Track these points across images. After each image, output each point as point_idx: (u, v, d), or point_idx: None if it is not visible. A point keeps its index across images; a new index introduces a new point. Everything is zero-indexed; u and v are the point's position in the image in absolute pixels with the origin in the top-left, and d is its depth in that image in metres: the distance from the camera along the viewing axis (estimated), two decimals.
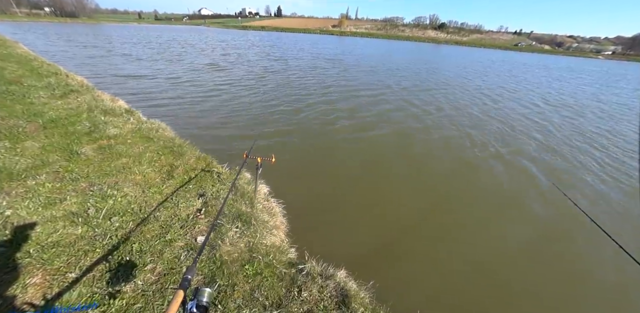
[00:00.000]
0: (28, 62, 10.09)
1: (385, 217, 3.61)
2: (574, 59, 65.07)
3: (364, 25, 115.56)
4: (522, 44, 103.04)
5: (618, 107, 12.07)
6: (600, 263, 3.13)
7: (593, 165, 5.70)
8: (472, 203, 4.13)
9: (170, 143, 4.11)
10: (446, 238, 3.34)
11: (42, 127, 4.06)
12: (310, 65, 16.34)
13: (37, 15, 70.16)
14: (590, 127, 8.48)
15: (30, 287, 1.61)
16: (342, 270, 2.36)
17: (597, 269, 3.07)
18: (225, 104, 7.72)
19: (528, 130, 7.66)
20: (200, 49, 21.72)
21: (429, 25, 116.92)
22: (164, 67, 12.60)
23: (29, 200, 2.34)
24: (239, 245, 2.32)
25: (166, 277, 1.87)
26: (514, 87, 14.76)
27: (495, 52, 66.54)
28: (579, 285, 2.90)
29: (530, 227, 3.68)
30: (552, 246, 3.39)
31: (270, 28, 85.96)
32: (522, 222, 3.78)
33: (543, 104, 11.15)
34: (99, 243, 2.02)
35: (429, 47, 58.22)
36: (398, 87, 12.10)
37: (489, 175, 4.97)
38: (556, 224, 3.77)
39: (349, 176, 4.55)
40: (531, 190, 4.53)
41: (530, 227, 3.70)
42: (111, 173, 3.05)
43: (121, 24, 68.86)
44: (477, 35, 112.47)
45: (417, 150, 5.82)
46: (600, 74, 30.26)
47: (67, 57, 13.52)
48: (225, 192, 3.06)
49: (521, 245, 3.37)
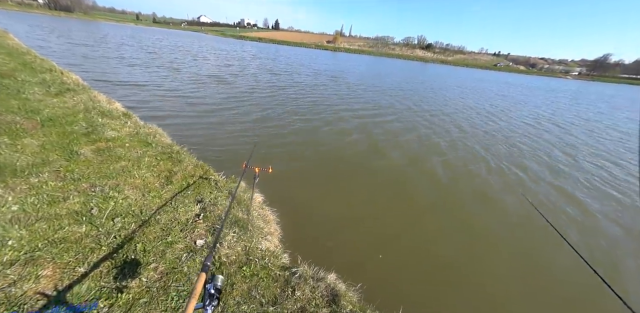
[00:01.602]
0: (20, 55, 9.91)
1: (374, 227, 3.87)
2: (547, 79, 71.86)
3: (357, 42, 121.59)
4: (501, 64, 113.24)
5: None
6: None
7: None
8: (452, 210, 4.51)
9: (169, 149, 4.25)
10: (430, 246, 3.66)
11: (40, 124, 4.10)
12: (315, 83, 16.44)
13: (29, 5, 68.28)
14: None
15: (42, 278, 1.71)
16: (332, 273, 2.56)
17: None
18: (231, 119, 7.65)
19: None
20: (203, 57, 21.90)
21: (417, 45, 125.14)
22: (166, 74, 12.51)
23: (34, 197, 2.42)
24: (236, 248, 2.49)
25: (168, 276, 2.01)
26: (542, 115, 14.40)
27: (479, 71, 71.99)
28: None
29: (504, 227, 4.07)
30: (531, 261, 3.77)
31: (267, 40, 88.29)
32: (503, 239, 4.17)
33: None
34: (104, 241, 2.14)
35: (419, 66, 62.27)
36: (402, 106, 12.72)
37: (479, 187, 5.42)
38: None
39: (342, 188, 4.83)
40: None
41: (504, 227, 4.08)
42: (111, 175, 3.15)
43: (118, 24, 68.19)
44: (460, 56, 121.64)
45: (403, 161, 6.24)
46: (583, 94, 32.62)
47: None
48: (223, 199, 3.23)
49: (507, 255, 3.72)
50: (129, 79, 10.43)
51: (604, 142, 10.33)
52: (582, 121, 14.19)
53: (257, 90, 11.94)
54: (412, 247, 3.59)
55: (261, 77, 15.60)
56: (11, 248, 1.88)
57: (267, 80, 14.91)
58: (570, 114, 16.02)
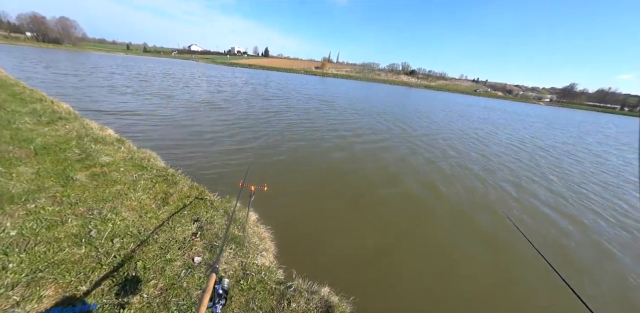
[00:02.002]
0: (9, 86, 10.01)
1: (366, 242, 3.99)
2: (522, 104, 77.37)
3: (344, 68, 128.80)
4: (481, 90, 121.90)
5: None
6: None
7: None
8: (436, 229, 4.71)
9: (164, 172, 4.37)
10: (421, 263, 3.79)
11: (33, 153, 4.17)
12: (307, 107, 16.76)
13: (16, 38, 69.33)
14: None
15: (45, 298, 1.76)
16: (325, 287, 2.66)
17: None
18: (225, 143, 7.72)
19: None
20: (195, 84, 22.28)
21: (401, 71, 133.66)
22: (159, 102, 12.54)
23: (32, 222, 2.47)
24: (233, 263, 2.58)
25: (168, 292, 2.07)
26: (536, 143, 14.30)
27: (461, 96, 76.45)
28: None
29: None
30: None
31: (257, 66, 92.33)
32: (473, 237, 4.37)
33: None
34: (104, 260, 2.20)
35: (404, 90, 65.54)
36: (397, 129, 13.17)
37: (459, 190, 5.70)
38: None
39: (333, 206, 4.98)
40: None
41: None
42: (108, 198, 3.23)
43: (108, 54, 69.78)
44: (442, 81, 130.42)
45: (394, 181, 6.52)
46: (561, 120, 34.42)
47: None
48: (219, 217, 3.34)
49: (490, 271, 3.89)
50: (120, 108, 10.51)
51: (583, 163, 11.08)
52: (559, 144, 14.96)
53: (251, 114, 12.23)
54: (403, 261, 3.70)
55: (254, 102, 16.03)
56: (12, 271, 1.92)
57: (260, 105, 15.29)
58: (548, 138, 16.88)
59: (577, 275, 3.92)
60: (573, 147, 14.55)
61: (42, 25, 75.19)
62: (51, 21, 76.48)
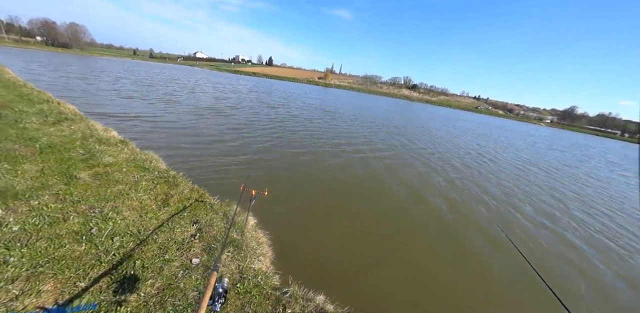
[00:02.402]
0: (17, 87, 10.21)
1: (362, 252, 3.97)
2: (523, 124, 76.40)
3: (347, 79, 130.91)
4: (482, 108, 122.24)
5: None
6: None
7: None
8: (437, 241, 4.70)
9: (165, 174, 4.43)
10: (417, 274, 3.77)
11: (38, 151, 4.23)
12: (311, 117, 16.71)
13: (26, 42, 70.99)
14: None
15: (43, 293, 1.77)
16: (321, 295, 2.65)
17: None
18: (228, 149, 7.76)
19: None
20: (201, 90, 22.47)
21: (403, 84, 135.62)
22: (164, 106, 12.63)
23: (35, 218, 2.50)
24: (230, 266, 2.59)
25: (165, 292, 2.08)
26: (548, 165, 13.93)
27: (463, 113, 76.36)
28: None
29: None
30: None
31: (261, 74, 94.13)
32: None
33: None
34: (104, 258, 2.22)
35: (406, 104, 65.61)
36: (397, 142, 13.01)
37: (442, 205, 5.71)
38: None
39: (332, 215, 4.99)
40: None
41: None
42: (109, 198, 3.27)
43: (115, 58, 71.27)
44: (444, 97, 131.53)
45: (395, 191, 6.55)
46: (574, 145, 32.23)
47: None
48: (218, 220, 3.36)
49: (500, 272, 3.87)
50: (125, 111, 10.60)
51: (586, 189, 10.40)
52: (562, 166, 14.48)
53: (256, 122, 12.28)
54: (399, 272, 3.69)
55: (259, 110, 16.16)
56: (13, 265, 1.94)
57: (265, 113, 15.38)
58: (551, 159, 16.47)
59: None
60: (577, 170, 14.20)
61: (53, 30, 77.29)
62: (61, 26, 78.68)
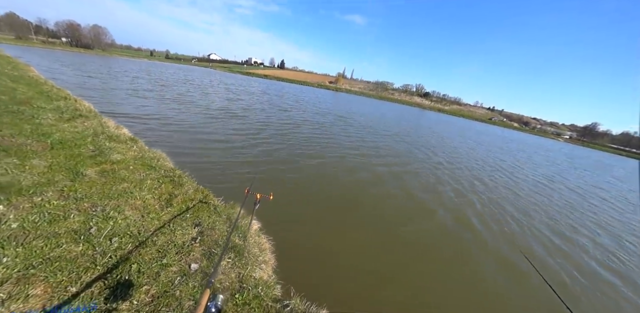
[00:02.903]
0: (38, 85, 10.57)
1: (370, 266, 3.74)
2: (541, 138, 71.29)
3: (358, 85, 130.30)
4: (496, 119, 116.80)
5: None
6: None
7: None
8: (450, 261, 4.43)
9: (171, 173, 4.36)
10: (425, 289, 3.52)
11: (49, 147, 4.25)
12: (324, 121, 16.58)
13: (52, 43, 74.61)
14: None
15: (31, 297, 1.67)
16: (324, 310, 2.47)
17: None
18: (239, 151, 7.72)
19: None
20: (214, 91, 22.72)
21: (415, 92, 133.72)
22: (177, 107, 12.69)
23: (35, 215, 2.44)
24: (230, 274, 2.44)
25: (160, 300, 1.95)
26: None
27: (477, 124, 72.94)
28: None
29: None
30: None
31: (272, 77, 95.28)
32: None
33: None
34: (99, 260, 2.11)
35: (418, 112, 63.95)
36: (412, 152, 12.42)
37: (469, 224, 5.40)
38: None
39: (340, 224, 4.77)
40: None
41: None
42: (113, 196, 3.21)
43: (133, 59, 73.84)
44: (457, 106, 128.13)
45: (406, 203, 6.28)
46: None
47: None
48: (221, 223, 3.24)
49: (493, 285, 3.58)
50: (138, 110, 10.77)
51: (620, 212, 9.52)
52: (589, 186, 13.43)
53: (268, 125, 12.17)
54: (408, 290, 3.44)
55: (271, 113, 16.10)
56: (5, 266, 1.86)
57: (277, 116, 15.25)
58: (574, 177, 15.36)
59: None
60: (604, 191, 13.02)
61: (77, 32, 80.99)
62: (85, 28, 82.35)
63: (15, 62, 17.09)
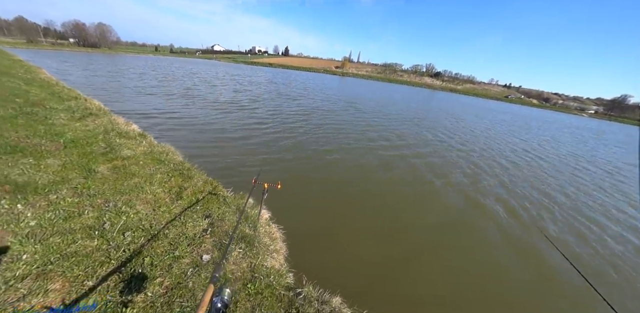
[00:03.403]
0: (50, 86, 10.83)
1: (383, 254, 3.69)
2: (564, 115, 66.39)
3: (365, 68, 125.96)
4: (512, 97, 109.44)
5: None
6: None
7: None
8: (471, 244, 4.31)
9: (180, 166, 4.40)
10: (443, 275, 3.45)
11: (62, 146, 4.37)
12: (335, 109, 16.09)
13: (60, 44, 76.00)
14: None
15: (51, 292, 1.73)
16: (337, 297, 2.46)
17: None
18: (248, 143, 7.68)
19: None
20: (221, 83, 22.49)
21: (425, 72, 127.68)
22: (185, 101, 12.59)
23: (51, 213, 2.52)
24: (242, 264, 2.46)
25: (173, 291, 1.99)
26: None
27: (491, 102, 69.12)
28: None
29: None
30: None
31: (277, 65, 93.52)
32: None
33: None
34: (114, 255, 2.17)
35: (427, 93, 61.21)
36: (426, 135, 12.00)
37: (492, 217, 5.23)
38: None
39: (350, 209, 4.75)
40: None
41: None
42: (125, 191, 3.27)
43: (138, 55, 74.27)
44: (470, 85, 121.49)
45: (416, 189, 6.12)
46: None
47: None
48: (230, 214, 3.25)
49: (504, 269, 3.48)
50: (146, 107, 10.78)
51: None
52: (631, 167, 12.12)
53: (277, 115, 11.95)
54: (422, 277, 3.37)
55: (280, 102, 15.82)
56: (25, 262, 1.93)
57: (286, 105, 14.96)
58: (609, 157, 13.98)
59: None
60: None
61: (83, 32, 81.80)
62: (90, 27, 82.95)
63: (27, 65, 17.55)
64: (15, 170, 3.20)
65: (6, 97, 7.15)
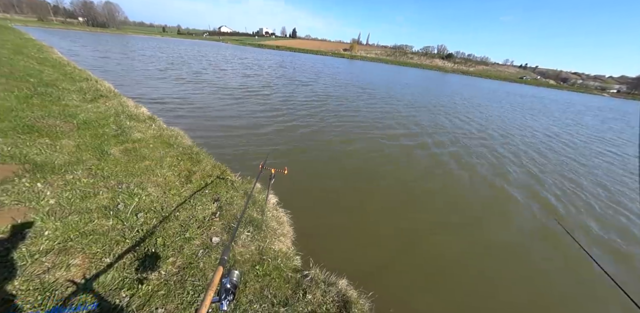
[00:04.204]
0: (62, 66, 10.88)
1: (389, 236, 3.76)
2: (580, 96, 63.41)
3: (374, 50, 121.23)
4: (527, 78, 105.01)
5: None
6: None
7: None
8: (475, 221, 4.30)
9: (189, 150, 4.45)
10: (445, 257, 3.49)
11: (76, 127, 4.45)
12: (348, 95, 15.54)
13: (70, 23, 75.44)
14: None
15: (73, 267, 1.84)
16: (343, 279, 2.53)
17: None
18: (260, 129, 7.65)
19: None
20: (231, 67, 22.06)
21: (436, 54, 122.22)
22: (195, 86, 12.45)
23: (69, 192, 2.61)
24: (250, 247, 2.53)
25: (185, 270, 2.08)
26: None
27: (506, 84, 66.27)
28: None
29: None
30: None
31: (285, 48, 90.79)
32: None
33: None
34: (128, 234, 2.26)
35: (437, 76, 59.41)
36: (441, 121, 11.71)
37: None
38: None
39: (354, 192, 4.79)
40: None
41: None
42: (136, 173, 3.35)
43: (146, 36, 73.15)
44: (483, 67, 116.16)
45: (422, 174, 6.07)
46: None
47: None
48: (238, 198, 3.32)
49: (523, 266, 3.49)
50: (156, 92, 10.61)
51: None
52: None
53: (289, 101, 11.69)
54: (428, 259, 3.44)
55: (292, 88, 15.35)
56: (47, 238, 2.03)
57: (299, 91, 14.59)
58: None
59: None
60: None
61: (91, 10, 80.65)
62: (98, 6, 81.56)
63: (39, 45, 17.57)
64: (33, 150, 3.30)
65: (21, 76, 7.24)
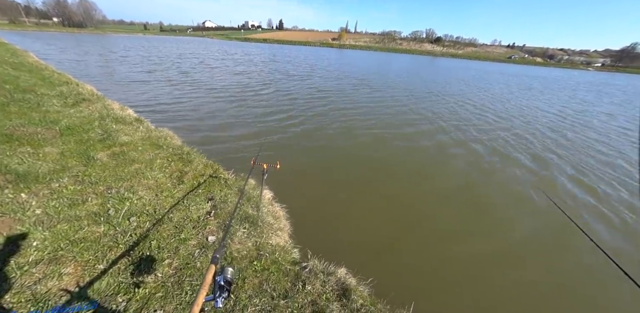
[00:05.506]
0: (39, 71, 10.45)
1: (385, 223, 3.81)
2: (563, 72, 64.53)
3: (363, 38, 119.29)
4: (515, 57, 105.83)
5: None
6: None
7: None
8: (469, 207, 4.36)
9: (179, 150, 4.36)
10: (443, 242, 3.55)
11: (59, 133, 4.31)
12: (344, 88, 14.92)
13: (45, 25, 72.12)
14: None
15: (65, 275, 1.81)
16: (342, 268, 2.55)
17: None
18: (257, 125, 7.48)
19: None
20: (222, 64, 21.39)
21: (425, 38, 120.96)
22: (182, 86, 11.90)
23: (55, 201, 2.55)
24: (247, 244, 2.53)
25: (182, 271, 2.07)
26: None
27: (493, 65, 66.55)
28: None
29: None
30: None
31: (272, 40, 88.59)
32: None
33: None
34: (121, 239, 2.23)
35: (428, 60, 58.97)
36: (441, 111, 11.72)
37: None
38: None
39: (348, 183, 4.80)
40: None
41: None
42: (126, 177, 3.27)
43: (128, 35, 70.51)
44: (471, 49, 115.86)
45: (406, 154, 6.10)
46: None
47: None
48: (233, 196, 3.28)
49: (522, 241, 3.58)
50: (147, 92, 10.28)
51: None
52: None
53: (290, 96, 11.39)
54: (424, 242, 3.52)
55: (291, 85, 14.58)
56: (36, 248, 1.99)
57: (299, 86, 14.16)
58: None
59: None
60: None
61: (66, 9, 76.94)
62: (73, 5, 77.85)
63: (13, 49, 16.82)
64: (14, 160, 3.19)
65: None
